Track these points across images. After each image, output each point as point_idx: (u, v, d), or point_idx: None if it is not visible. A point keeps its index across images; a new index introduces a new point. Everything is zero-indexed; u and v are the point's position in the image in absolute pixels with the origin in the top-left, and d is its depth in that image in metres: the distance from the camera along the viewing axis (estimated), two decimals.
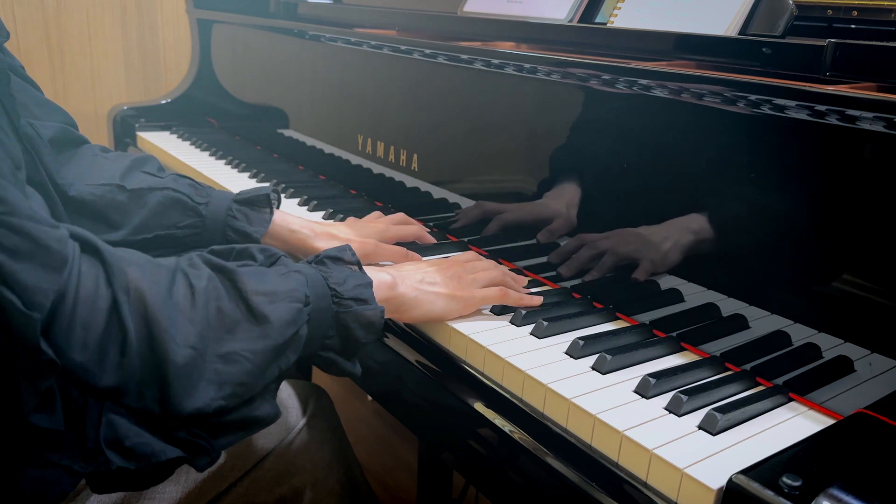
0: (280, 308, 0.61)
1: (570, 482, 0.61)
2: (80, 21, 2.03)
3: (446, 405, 0.75)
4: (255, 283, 0.61)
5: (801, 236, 0.69)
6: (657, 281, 0.81)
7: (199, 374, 0.55)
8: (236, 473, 0.86)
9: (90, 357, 0.51)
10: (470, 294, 0.80)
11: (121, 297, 0.52)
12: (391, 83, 1.17)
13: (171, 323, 0.54)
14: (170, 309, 0.55)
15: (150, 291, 0.54)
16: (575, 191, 0.89)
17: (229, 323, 0.58)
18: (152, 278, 0.55)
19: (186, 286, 0.57)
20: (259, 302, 0.60)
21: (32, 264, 0.49)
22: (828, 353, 0.68)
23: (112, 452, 0.53)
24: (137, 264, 0.56)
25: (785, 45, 0.73)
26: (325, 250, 0.71)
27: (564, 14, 0.96)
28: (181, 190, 0.91)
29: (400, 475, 1.74)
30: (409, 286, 0.77)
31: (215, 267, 0.61)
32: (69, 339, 0.50)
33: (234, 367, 0.57)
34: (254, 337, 0.59)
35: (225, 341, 0.57)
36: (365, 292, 0.68)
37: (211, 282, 0.59)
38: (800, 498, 0.48)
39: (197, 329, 0.56)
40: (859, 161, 0.64)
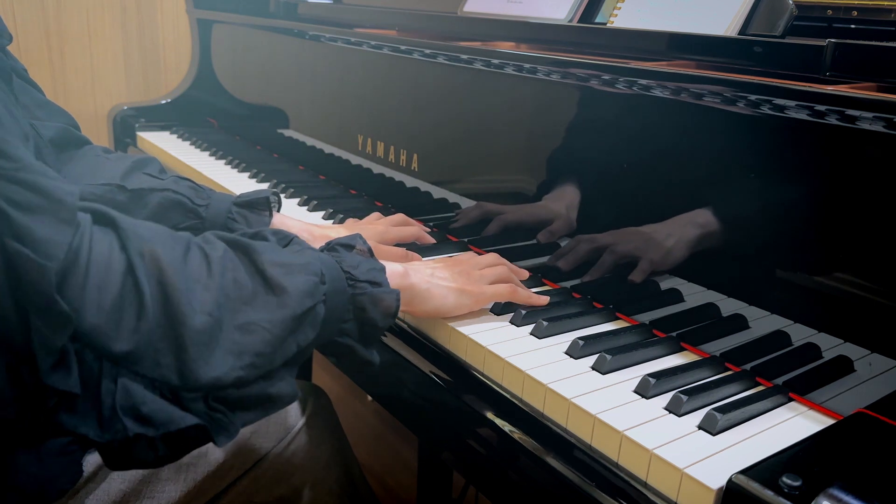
0: (297, 279, 0.60)
1: (569, 482, 0.61)
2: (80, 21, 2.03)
3: (446, 405, 0.75)
4: (271, 255, 0.60)
5: (800, 236, 0.69)
6: (657, 281, 0.81)
7: (216, 343, 0.55)
8: (235, 473, 0.86)
9: (105, 319, 0.51)
10: (480, 290, 0.80)
11: (136, 261, 0.52)
12: (391, 83, 1.17)
13: (187, 288, 0.54)
14: (185, 276, 0.54)
15: (166, 257, 0.54)
16: (575, 191, 0.89)
17: (246, 294, 0.58)
18: (167, 245, 0.55)
19: (202, 256, 0.57)
20: (276, 273, 0.59)
21: (44, 217, 0.49)
22: (828, 353, 0.68)
23: (128, 419, 0.53)
24: (151, 230, 0.56)
25: (785, 45, 0.73)
26: (335, 238, 0.71)
27: (564, 14, 0.96)
28: (182, 192, 0.90)
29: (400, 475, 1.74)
30: (421, 278, 0.76)
31: (230, 241, 0.61)
32: (83, 300, 0.50)
33: (252, 336, 0.57)
34: (272, 307, 0.58)
35: (242, 311, 0.57)
36: (379, 276, 0.68)
37: (227, 254, 0.59)
38: (800, 498, 0.48)
39: (213, 297, 0.55)
40: (859, 161, 0.64)
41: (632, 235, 0.82)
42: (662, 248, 0.80)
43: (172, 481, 0.80)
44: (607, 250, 0.85)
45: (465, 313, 0.80)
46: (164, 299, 0.53)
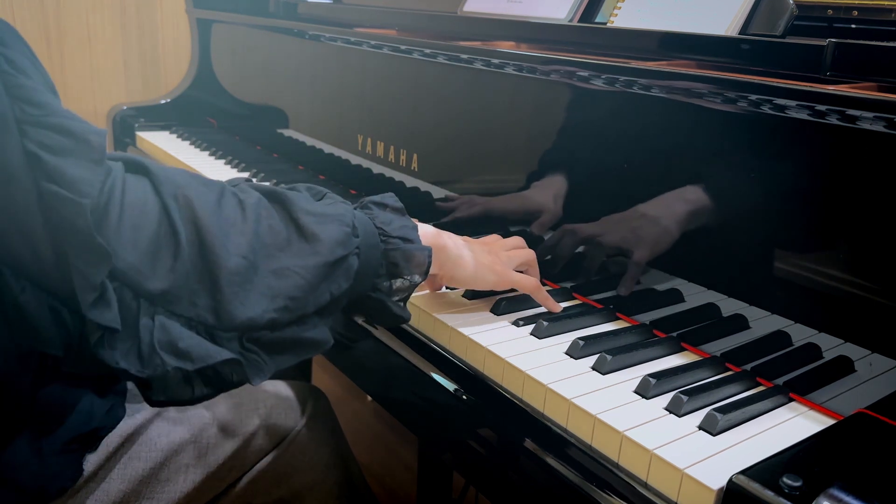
0: (329, 228, 0.62)
1: (569, 482, 0.61)
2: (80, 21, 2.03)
3: (446, 405, 0.75)
4: (305, 204, 0.62)
5: (801, 236, 0.69)
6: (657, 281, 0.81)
7: (251, 285, 0.56)
8: (235, 474, 0.86)
9: (142, 257, 0.52)
10: (506, 272, 0.80)
11: (170, 203, 0.54)
12: (391, 83, 1.17)
13: (222, 232, 0.55)
14: (220, 219, 0.56)
15: (200, 201, 0.55)
16: (574, 191, 0.89)
17: (280, 240, 0.59)
18: (200, 191, 0.56)
19: (236, 202, 0.58)
20: (309, 221, 0.61)
21: (75, 158, 0.51)
22: (828, 354, 0.68)
23: (167, 354, 0.54)
24: (185, 176, 0.57)
25: (785, 44, 0.73)
26: (368, 197, 0.72)
27: (564, 14, 0.96)
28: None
29: (400, 475, 1.74)
30: (454, 242, 0.77)
31: (264, 191, 0.62)
32: (119, 239, 0.52)
33: (285, 280, 0.58)
34: (305, 253, 0.60)
35: (276, 257, 0.58)
36: (411, 233, 0.69)
37: (261, 202, 0.60)
38: (800, 498, 0.48)
39: (248, 241, 0.57)
40: (859, 161, 0.64)
41: (630, 235, 0.82)
42: (662, 248, 0.80)
43: (172, 482, 0.80)
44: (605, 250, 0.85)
45: (487, 289, 0.80)
46: (200, 241, 0.54)
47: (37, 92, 0.52)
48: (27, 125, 0.51)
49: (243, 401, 0.90)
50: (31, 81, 0.52)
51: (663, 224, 0.79)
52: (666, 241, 0.79)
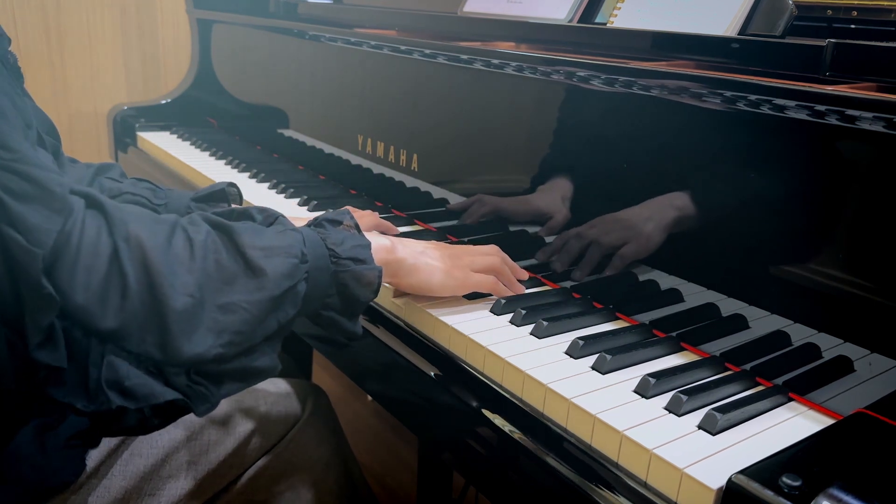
0: (276, 262, 0.63)
1: (569, 482, 0.61)
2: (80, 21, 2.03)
3: (446, 405, 0.75)
4: (252, 238, 0.63)
5: (800, 236, 0.69)
6: (657, 281, 0.81)
7: (197, 321, 0.58)
8: (235, 472, 0.86)
9: (92, 299, 0.54)
10: (465, 275, 0.81)
11: (121, 245, 0.56)
12: (391, 83, 1.17)
13: (170, 271, 0.57)
14: (169, 258, 0.57)
15: (150, 241, 0.57)
16: (574, 191, 0.89)
17: (227, 275, 0.60)
18: (152, 230, 0.58)
19: (185, 239, 0.60)
20: (255, 256, 0.62)
21: (36, 206, 0.53)
22: (827, 353, 0.68)
23: (113, 392, 0.56)
24: (138, 217, 0.59)
25: (785, 45, 0.73)
26: (323, 213, 0.73)
27: (564, 14, 0.96)
28: (139, 193, 0.93)
29: (400, 475, 1.74)
30: (408, 252, 0.79)
31: (214, 224, 0.63)
32: (72, 280, 0.53)
33: (232, 316, 0.60)
34: (251, 289, 0.61)
35: (223, 292, 0.60)
36: (363, 253, 0.70)
37: (209, 236, 0.61)
38: (800, 498, 0.48)
39: (195, 279, 0.58)
40: (859, 161, 0.64)
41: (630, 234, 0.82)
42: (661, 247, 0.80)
43: (173, 479, 0.80)
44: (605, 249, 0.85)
45: (447, 296, 0.82)
46: (148, 282, 0.56)
47: (9, 136, 0.53)
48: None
49: (244, 399, 0.90)
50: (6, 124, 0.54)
51: (662, 224, 0.79)
52: (665, 240, 0.79)
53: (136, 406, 0.57)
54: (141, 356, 0.57)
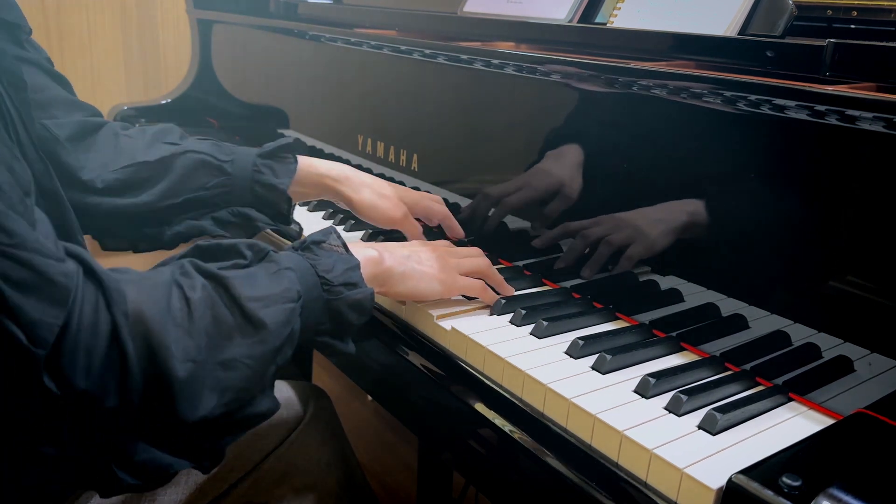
0: (275, 311, 0.61)
1: (569, 482, 0.61)
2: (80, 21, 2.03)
3: (446, 405, 0.75)
4: (248, 288, 0.61)
5: (800, 236, 0.69)
6: (657, 281, 0.81)
7: (200, 384, 0.56)
8: (236, 475, 0.86)
9: (94, 382, 0.52)
10: (453, 280, 0.81)
11: (120, 320, 0.53)
12: (391, 83, 1.17)
13: (171, 339, 0.55)
14: (168, 325, 0.55)
15: (150, 311, 0.55)
16: (574, 191, 0.89)
17: (226, 330, 0.59)
18: (150, 296, 0.56)
19: (182, 299, 0.57)
20: (254, 308, 0.60)
21: (37, 297, 0.49)
22: (827, 353, 0.68)
23: (122, 472, 0.55)
24: (135, 283, 0.56)
25: (785, 45, 0.73)
26: (310, 235, 0.72)
27: (564, 14, 0.96)
28: (204, 150, 0.92)
29: (400, 475, 1.74)
30: (396, 261, 0.78)
31: (207, 275, 0.61)
32: (74, 366, 0.51)
33: (234, 373, 0.58)
34: (251, 343, 0.60)
35: (224, 348, 0.58)
36: (354, 275, 0.70)
37: (205, 290, 0.59)
38: (799, 498, 0.48)
39: (195, 341, 0.56)
40: (859, 161, 0.64)
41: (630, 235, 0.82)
42: (660, 247, 0.80)
43: (174, 483, 0.80)
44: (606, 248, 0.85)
45: (436, 299, 0.82)
46: (150, 355, 0.54)
47: (9, 218, 0.50)
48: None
49: None
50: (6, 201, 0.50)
51: (661, 224, 0.79)
52: (665, 240, 0.79)
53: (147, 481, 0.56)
54: (145, 426, 0.56)
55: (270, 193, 0.93)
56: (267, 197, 0.93)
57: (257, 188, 0.93)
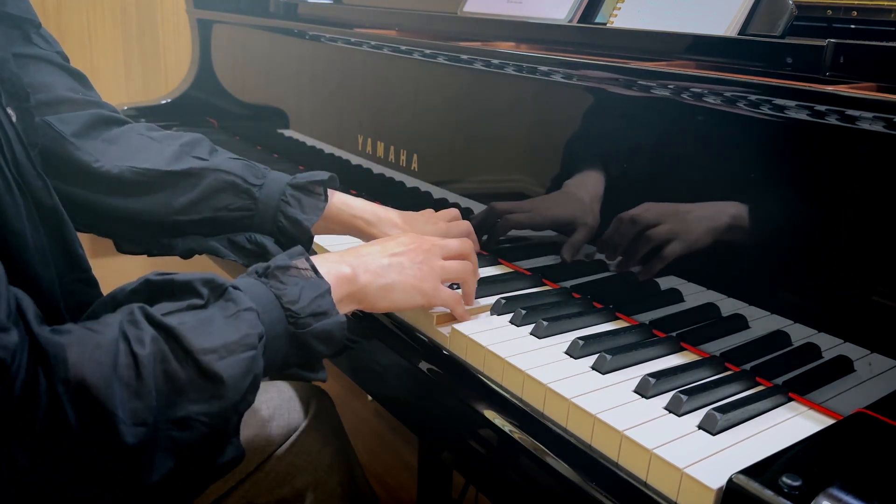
0: (233, 363, 0.56)
1: (569, 482, 0.61)
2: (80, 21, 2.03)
3: (446, 405, 0.75)
4: (202, 339, 0.55)
5: (800, 236, 0.69)
6: (657, 281, 0.81)
7: (153, 447, 0.52)
8: (238, 475, 0.86)
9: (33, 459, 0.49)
10: (435, 293, 0.76)
11: (60, 389, 0.49)
12: (391, 83, 1.17)
13: (117, 403, 0.50)
14: (115, 387, 0.51)
15: (93, 375, 0.50)
16: (574, 191, 0.89)
17: (179, 386, 0.54)
18: (93, 357, 0.51)
19: (129, 355, 0.52)
20: (209, 361, 0.55)
21: None
22: (827, 353, 0.68)
23: None
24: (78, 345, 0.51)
25: (785, 45, 0.73)
26: (274, 260, 0.67)
27: (564, 14, 0.96)
28: (234, 172, 0.87)
29: (400, 475, 1.74)
30: (372, 274, 0.72)
31: (158, 325, 0.55)
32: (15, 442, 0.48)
33: (189, 432, 0.54)
34: (207, 398, 0.55)
35: (177, 406, 0.53)
36: (324, 303, 0.64)
37: (155, 344, 0.54)
38: (800, 498, 0.48)
39: (145, 403, 0.52)
40: (859, 161, 0.64)
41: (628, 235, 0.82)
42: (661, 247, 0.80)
43: None
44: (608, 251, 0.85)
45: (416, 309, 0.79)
46: (96, 422, 0.50)
47: None
48: None
49: None
50: None
51: (661, 224, 0.79)
52: (665, 240, 0.79)
53: None
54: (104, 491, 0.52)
55: (294, 228, 0.87)
56: (289, 230, 0.87)
57: (281, 219, 0.87)
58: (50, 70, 0.85)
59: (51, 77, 0.85)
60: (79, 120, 0.85)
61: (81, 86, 0.89)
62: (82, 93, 0.88)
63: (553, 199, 0.91)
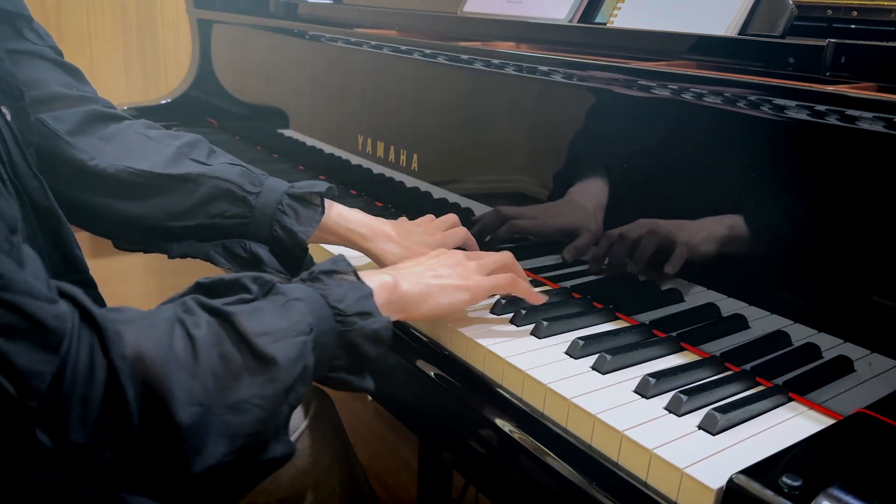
0: (285, 346, 0.57)
1: (569, 482, 0.61)
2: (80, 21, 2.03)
3: (446, 405, 0.75)
4: (256, 323, 0.57)
5: (800, 236, 0.69)
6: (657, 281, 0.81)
7: (206, 430, 0.52)
8: None
9: (91, 434, 0.48)
10: (476, 283, 0.76)
11: (119, 365, 0.49)
12: (391, 83, 1.17)
13: (174, 382, 0.51)
14: (171, 366, 0.51)
15: (150, 352, 0.51)
16: (577, 198, 0.89)
17: (234, 370, 0.54)
18: (150, 336, 0.52)
19: (185, 337, 0.53)
20: (263, 343, 0.56)
21: (27, 344, 0.45)
22: (828, 353, 0.68)
23: None
24: (133, 323, 0.52)
25: (785, 45, 0.73)
26: (318, 265, 0.68)
27: (564, 14, 0.96)
28: (231, 179, 0.87)
29: (400, 475, 1.74)
30: (412, 282, 0.73)
31: (212, 311, 0.56)
32: (68, 418, 0.47)
33: (244, 416, 0.54)
34: (261, 382, 0.55)
35: (232, 390, 0.54)
36: (368, 304, 0.65)
37: (210, 328, 0.55)
38: (800, 498, 0.48)
39: (201, 383, 0.52)
40: (859, 161, 0.64)
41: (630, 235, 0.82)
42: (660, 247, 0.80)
43: None
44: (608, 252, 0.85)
45: (464, 308, 0.78)
46: (151, 398, 0.50)
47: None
48: None
49: None
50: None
51: (661, 224, 0.79)
52: (664, 241, 0.79)
53: None
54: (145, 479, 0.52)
55: (289, 238, 0.86)
56: (284, 241, 0.86)
57: (276, 229, 0.86)
58: (43, 65, 0.83)
59: (44, 73, 0.83)
60: (74, 117, 0.84)
61: (76, 80, 0.88)
62: (77, 88, 0.87)
63: (557, 206, 0.91)
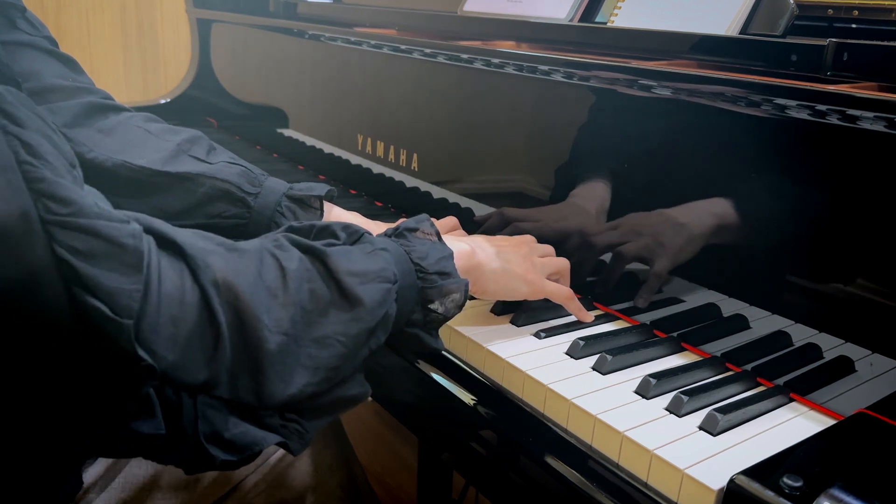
0: (371, 289, 0.58)
1: (570, 482, 0.61)
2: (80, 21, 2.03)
3: (446, 405, 0.75)
4: (346, 263, 0.58)
5: (801, 236, 0.69)
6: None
7: (292, 360, 0.54)
8: (237, 477, 0.86)
9: (181, 353, 0.49)
10: (541, 283, 0.78)
11: (210, 290, 0.50)
12: (391, 83, 1.17)
13: (263, 310, 0.52)
14: (261, 295, 0.52)
15: (239, 279, 0.52)
16: (574, 191, 0.89)
17: (322, 305, 0.56)
18: (238, 266, 0.53)
19: (277, 268, 0.55)
20: (351, 283, 0.57)
21: (110, 265, 0.46)
22: (829, 354, 0.68)
23: (213, 447, 0.52)
24: (219, 254, 0.53)
25: (786, 44, 0.73)
26: (403, 222, 0.69)
27: (565, 13, 0.96)
28: (230, 180, 0.87)
29: (400, 475, 1.74)
30: (487, 257, 0.74)
31: (304, 248, 0.58)
32: (157, 337, 0.48)
33: (327, 350, 0.56)
34: (346, 320, 0.57)
35: (318, 325, 0.55)
36: (448, 265, 0.66)
37: (302, 263, 0.57)
38: (801, 498, 0.48)
39: (289, 313, 0.54)
40: (860, 161, 0.64)
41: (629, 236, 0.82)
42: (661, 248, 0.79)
43: (174, 488, 0.80)
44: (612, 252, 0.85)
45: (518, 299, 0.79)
46: (241, 325, 0.51)
47: (61, 186, 0.46)
48: (54, 226, 0.45)
49: None
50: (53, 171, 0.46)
51: (661, 225, 0.79)
52: (665, 241, 0.79)
53: (240, 457, 0.53)
54: (232, 402, 0.53)
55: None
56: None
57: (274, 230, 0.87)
58: (37, 56, 0.83)
59: (39, 64, 0.83)
60: (70, 110, 0.83)
61: (72, 71, 0.87)
62: (72, 79, 0.86)
63: (559, 210, 0.91)
